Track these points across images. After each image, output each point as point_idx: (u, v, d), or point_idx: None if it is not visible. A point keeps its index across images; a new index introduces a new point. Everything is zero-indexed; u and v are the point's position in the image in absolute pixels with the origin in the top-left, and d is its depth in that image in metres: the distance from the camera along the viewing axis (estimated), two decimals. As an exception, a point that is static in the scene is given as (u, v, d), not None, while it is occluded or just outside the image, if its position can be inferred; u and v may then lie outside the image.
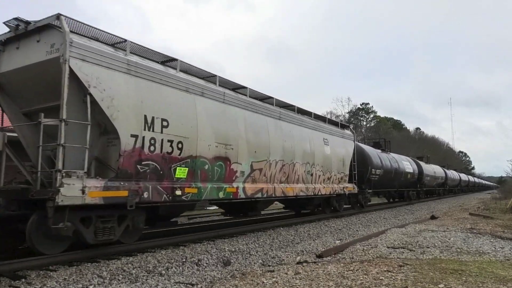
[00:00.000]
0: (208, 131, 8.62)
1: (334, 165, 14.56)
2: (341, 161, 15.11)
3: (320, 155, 13.54)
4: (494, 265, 6.40)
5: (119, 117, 6.71)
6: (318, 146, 13.51)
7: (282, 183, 11.32)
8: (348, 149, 16.03)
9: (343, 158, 15.37)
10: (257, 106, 10.68)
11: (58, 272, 5.73)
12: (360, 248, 8.24)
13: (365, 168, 18.03)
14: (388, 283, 5.12)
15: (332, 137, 14.78)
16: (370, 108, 69.25)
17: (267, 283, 5.30)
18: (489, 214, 16.64)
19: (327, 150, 14.08)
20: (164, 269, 6.37)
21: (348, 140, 16.30)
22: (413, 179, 26.91)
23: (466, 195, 48.98)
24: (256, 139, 10.19)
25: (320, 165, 13.49)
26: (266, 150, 10.56)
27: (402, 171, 24.01)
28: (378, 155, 20.40)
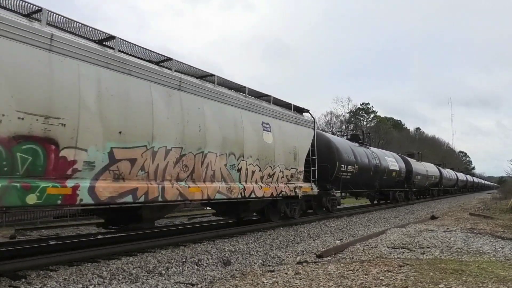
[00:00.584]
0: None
1: (280, 158, 11.12)
2: (291, 153, 11.73)
3: (255, 145, 10.10)
4: (494, 265, 6.40)
5: None
6: (251, 132, 10.02)
7: (181, 181, 8.05)
8: (304, 139, 12.60)
9: (296, 150, 11.94)
10: (130, 65, 7.16)
11: (58, 272, 5.73)
12: (360, 248, 8.24)
13: (332, 164, 14.77)
14: (388, 283, 5.11)
15: (278, 121, 11.31)
16: (370, 108, 69.25)
17: (267, 283, 5.29)
18: (489, 214, 16.64)
19: (267, 138, 10.63)
20: (164, 269, 6.37)
21: (304, 128, 12.73)
22: (400, 178, 23.80)
23: (464, 196, 46.74)
24: (122, 114, 6.84)
25: (254, 157, 10.06)
26: (146, 131, 7.25)
27: (385, 169, 20.82)
28: (351, 149, 17.07)
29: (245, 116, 10.00)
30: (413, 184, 26.35)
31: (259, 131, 10.41)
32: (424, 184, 30.49)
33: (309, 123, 13.30)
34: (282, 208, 11.90)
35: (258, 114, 10.55)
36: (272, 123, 11.03)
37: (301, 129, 12.62)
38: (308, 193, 12.61)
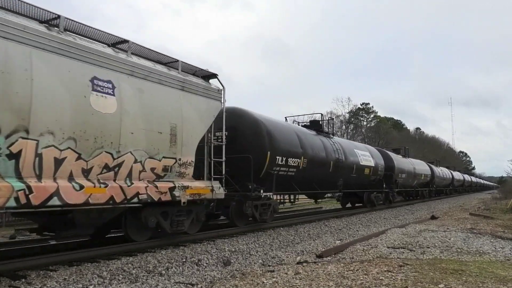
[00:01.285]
0: None
1: (137, 140, 7.17)
2: (165, 133, 7.67)
3: (67, 112, 6.12)
4: (494, 265, 6.40)
5: None
6: (58, 89, 6.03)
7: None
8: (197, 114, 8.48)
9: (176, 130, 7.91)
10: None
11: (58, 272, 5.73)
12: (360, 248, 8.24)
13: (259, 155, 10.60)
14: (388, 283, 5.12)
15: (137, 82, 7.33)
16: (370, 108, 69.23)
17: (267, 283, 5.30)
18: (490, 214, 16.65)
19: (104, 105, 6.67)
20: (164, 269, 6.37)
21: (200, 98, 8.63)
22: (377, 176, 19.40)
23: (461, 196, 43.75)
24: None
25: (64, 134, 6.07)
26: None
27: (353, 165, 16.48)
28: (297, 136, 12.71)
29: (41, 59, 5.84)
30: (395, 183, 21.94)
31: (81, 91, 6.32)
32: (411, 184, 26.40)
33: (211, 93, 8.97)
34: (151, 221, 7.49)
35: (82, 63, 6.40)
36: (120, 83, 6.96)
37: (193, 99, 8.39)
38: (204, 196, 8.48)
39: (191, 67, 8.88)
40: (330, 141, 15.35)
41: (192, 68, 8.94)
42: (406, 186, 25.32)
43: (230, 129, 10.20)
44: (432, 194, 33.48)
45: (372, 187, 19.28)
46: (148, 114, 7.45)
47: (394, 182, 21.86)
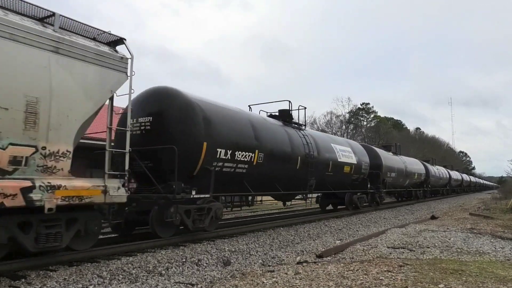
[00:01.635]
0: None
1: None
2: (21, 110, 5.59)
3: None
4: (494, 265, 6.40)
5: None
6: None
7: None
8: (84, 87, 6.39)
9: (44, 105, 5.81)
10: None
11: (58, 272, 5.73)
12: (360, 248, 8.24)
13: (192, 145, 8.50)
14: (388, 283, 5.12)
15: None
16: (370, 108, 69.22)
17: (267, 283, 5.30)
18: (490, 214, 16.64)
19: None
20: (164, 269, 6.37)
21: (90, 66, 6.51)
22: (361, 175, 17.03)
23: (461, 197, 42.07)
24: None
25: None
26: None
27: (328, 161, 14.22)
28: (250, 124, 10.57)
29: None
30: (383, 183, 19.66)
31: None
32: (403, 184, 24.04)
33: (109, 60, 6.83)
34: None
35: None
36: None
37: (76, 67, 6.30)
38: (91, 199, 6.28)
39: (84, 27, 6.71)
40: (299, 133, 13.00)
41: (85, 29, 6.75)
42: (397, 186, 22.98)
43: (155, 114, 8.57)
44: (427, 194, 30.80)
45: (354, 187, 16.94)
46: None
47: (382, 182, 19.49)
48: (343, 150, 15.82)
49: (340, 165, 15.14)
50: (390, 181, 21.06)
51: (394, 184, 22.20)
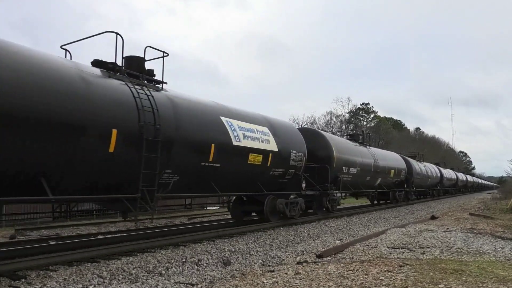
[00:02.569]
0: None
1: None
2: None
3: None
4: (494, 265, 6.41)
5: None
6: None
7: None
8: None
9: None
10: None
11: (58, 272, 5.73)
12: (360, 248, 8.24)
13: None
14: (388, 283, 5.12)
15: None
16: (370, 108, 69.26)
17: (267, 283, 5.30)
18: (490, 214, 16.65)
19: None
20: (164, 269, 6.37)
21: None
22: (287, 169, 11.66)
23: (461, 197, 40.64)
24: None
25: None
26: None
27: (243, 151, 9.84)
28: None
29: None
30: (340, 180, 15.33)
31: None
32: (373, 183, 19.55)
33: None
34: None
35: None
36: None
37: None
38: None
39: None
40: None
41: None
42: (362, 186, 18.44)
43: None
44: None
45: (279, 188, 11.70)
46: None
47: (334, 180, 15.04)
48: (246, 128, 10.34)
49: (236, 152, 9.69)
50: (348, 179, 16.05)
51: (355, 183, 17.23)
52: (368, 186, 19.09)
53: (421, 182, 28.46)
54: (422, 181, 28.51)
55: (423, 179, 29.04)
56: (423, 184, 29.12)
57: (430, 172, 31.90)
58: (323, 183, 14.15)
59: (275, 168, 11.22)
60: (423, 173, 29.25)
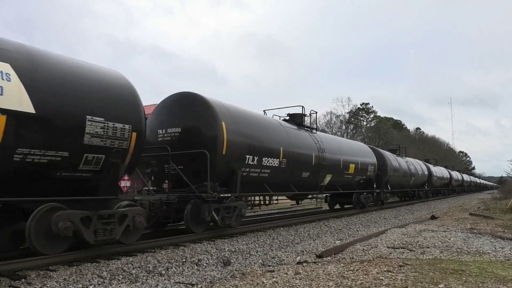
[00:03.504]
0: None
1: None
2: None
3: None
4: (494, 265, 6.40)
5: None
6: None
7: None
8: None
9: None
10: None
11: (58, 272, 5.73)
12: (360, 248, 8.24)
13: None
14: (388, 283, 5.12)
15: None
16: (370, 108, 69.24)
17: (267, 283, 5.30)
18: (490, 214, 16.64)
19: None
20: (164, 269, 6.37)
21: None
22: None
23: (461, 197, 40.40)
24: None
25: None
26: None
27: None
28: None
29: None
30: (238, 178, 10.70)
31: None
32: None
33: None
34: None
35: None
36: None
37: None
38: None
39: None
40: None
41: None
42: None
43: None
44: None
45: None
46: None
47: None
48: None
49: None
50: (262, 176, 12.04)
51: (276, 182, 17.53)
52: (306, 186, 13.56)
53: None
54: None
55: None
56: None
57: (414, 169, 26.73)
58: (201, 182, 9.05)
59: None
60: (403, 169, 23.85)
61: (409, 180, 25.50)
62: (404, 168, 24.10)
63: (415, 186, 27.49)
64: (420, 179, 28.43)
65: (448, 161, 66.09)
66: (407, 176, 24.75)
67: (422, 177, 29.06)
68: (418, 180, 27.61)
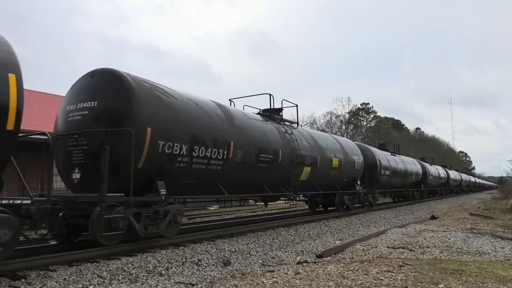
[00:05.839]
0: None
1: None
2: None
3: None
4: (494, 265, 6.40)
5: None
6: None
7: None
8: None
9: None
10: None
11: (58, 272, 5.73)
12: (360, 248, 8.24)
13: None
14: (388, 283, 5.12)
15: None
16: (370, 108, 69.30)
17: (267, 283, 5.29)
18: (489, 214, 16.65)
19: None
20: (164, 269, 6.37)
21: None
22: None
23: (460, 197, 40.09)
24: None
25: None
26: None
27: None
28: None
29: None
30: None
31: None
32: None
33: None
34: None
35: None
36: None
37: None
38: None
39: None
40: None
41: None
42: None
43: None
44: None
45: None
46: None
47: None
48: None
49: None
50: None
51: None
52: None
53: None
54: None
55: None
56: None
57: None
58: None
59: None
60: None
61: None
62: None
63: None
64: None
65: (448, 161, 66.08)
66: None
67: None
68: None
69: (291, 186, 12.12)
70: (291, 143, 12.16)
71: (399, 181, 23.25)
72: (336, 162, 14.94)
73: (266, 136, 11.12)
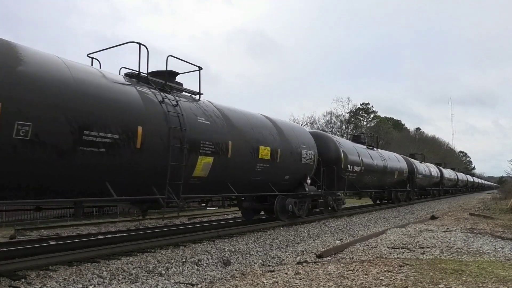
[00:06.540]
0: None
1: None
2: None
3: None
4: (494, 265, 6.40)
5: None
6: None
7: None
8: None
9: None
10: None
11: (58, 272, 5.73)
12: (360, 248, 8.24)
13: None
14: (388, 283, 5.12)
15: None
16: (370, 108, 69.30)
17: (267, 283, 5.29)
18: (489, 214, 16.64)
19: None
20: (164, 269, 6.37)
21: None
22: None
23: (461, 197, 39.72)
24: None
25: None
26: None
27: None
28: None
29: None
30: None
31: None
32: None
33: None
34: None
35: None
36: None
37: None
38: None
39: None
40: None
41: None
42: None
43: None
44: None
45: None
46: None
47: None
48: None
49: None
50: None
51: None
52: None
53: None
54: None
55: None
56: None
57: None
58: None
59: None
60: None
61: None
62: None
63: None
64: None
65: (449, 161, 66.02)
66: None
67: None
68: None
69: (173, 185, 7.83)
70: (170, 118, 7.88)
71: (376, 180, 19.33)
72: (266, 151, 10.59)
73: (106, 103, 6.74)
